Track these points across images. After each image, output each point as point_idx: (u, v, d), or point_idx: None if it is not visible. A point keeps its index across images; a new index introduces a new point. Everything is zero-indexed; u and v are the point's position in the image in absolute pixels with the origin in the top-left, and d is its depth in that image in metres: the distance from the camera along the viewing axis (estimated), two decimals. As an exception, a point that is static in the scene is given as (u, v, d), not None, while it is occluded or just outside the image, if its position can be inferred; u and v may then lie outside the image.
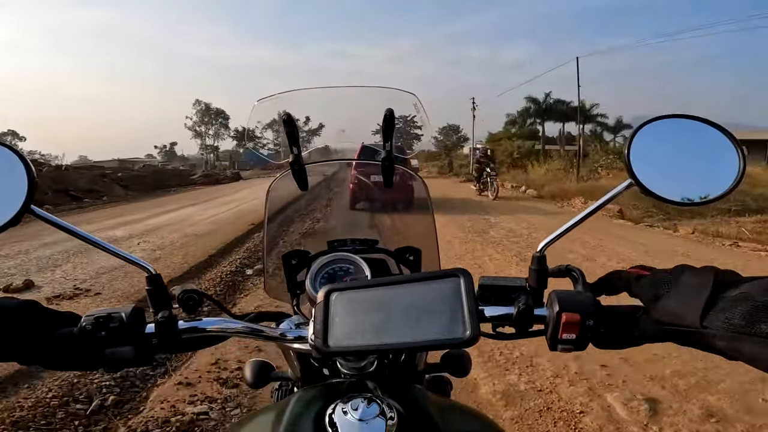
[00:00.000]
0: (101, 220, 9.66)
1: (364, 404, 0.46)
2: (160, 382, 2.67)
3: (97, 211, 11.62)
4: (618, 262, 5.44)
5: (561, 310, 0.51)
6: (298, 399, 0.53)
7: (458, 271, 0.48)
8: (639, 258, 5.74)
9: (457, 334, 0.45)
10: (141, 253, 6.04)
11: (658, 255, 5.91)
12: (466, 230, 7.75)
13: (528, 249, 6.05)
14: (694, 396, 2.48)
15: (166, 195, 17.11)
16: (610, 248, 6.21)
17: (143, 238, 7.29)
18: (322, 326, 0.48)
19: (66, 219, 0.59)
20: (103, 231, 7.83)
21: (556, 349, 0.53)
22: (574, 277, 0.58)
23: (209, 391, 2.53)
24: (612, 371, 2.74)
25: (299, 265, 0.79)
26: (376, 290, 0.49)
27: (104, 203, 13.97)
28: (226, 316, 0.63)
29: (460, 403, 0.64)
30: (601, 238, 6.71)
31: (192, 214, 10.32)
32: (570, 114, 33.29)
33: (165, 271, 3.72)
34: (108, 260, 5.15)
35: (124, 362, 0.54)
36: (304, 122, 12.16)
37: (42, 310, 0.54)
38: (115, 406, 2.39)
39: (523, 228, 8.01)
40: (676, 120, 0.57)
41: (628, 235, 7.40)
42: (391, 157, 0.75)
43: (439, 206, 10.49)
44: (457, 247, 6.39)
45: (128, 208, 12.21)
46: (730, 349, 0.42)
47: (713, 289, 0.44)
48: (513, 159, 24.99)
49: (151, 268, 0.60)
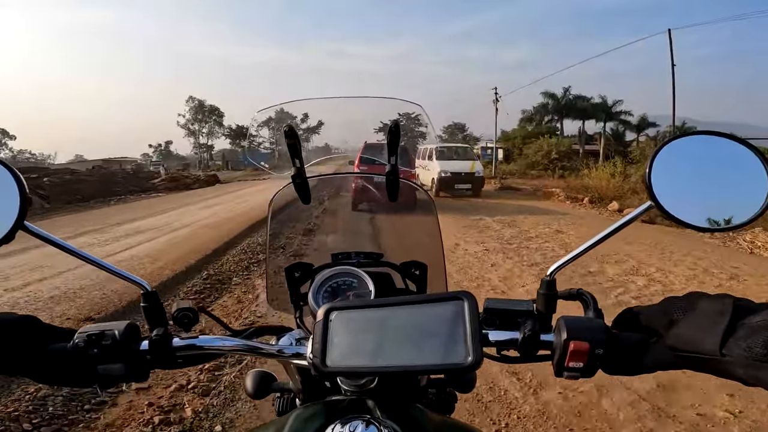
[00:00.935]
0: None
1: (362, 426, 0.46)
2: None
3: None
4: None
5: (569, 338, 0.49)
6: (296, 417, 0.53)
7: (462, 294, 0.47)
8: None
9: (459, 359, 0.44)
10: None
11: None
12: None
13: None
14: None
15: (104, 206, 13.29)
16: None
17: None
18: (321, 345, 0.47)
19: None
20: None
21: (562, 375, 0.51)
22: (585, 301, 0.56)
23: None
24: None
25: (302, 277, 0.78)
26: (377, 311, 0.48)
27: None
28: (223, 332, 0.62)
29: (460, 422, 0.63)
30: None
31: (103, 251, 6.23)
32: (590, 111, 31.29)
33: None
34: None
35: (117, 379, 0.54)
36: (301, 119, 11.74)
37: (40, 325, 0.54)
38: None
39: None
40: (701, 137, 0.54)
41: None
42: (396, 170, 0.73)
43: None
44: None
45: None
46: (750, 377, 0.41)
47: (732, 315, 0.43)
48: (550, 160, 21.80)
49: (147, 285, 0.60)
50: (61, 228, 8.39)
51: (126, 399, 2.52)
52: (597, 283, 4.67)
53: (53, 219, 10.39)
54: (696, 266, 5.43)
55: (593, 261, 5.34)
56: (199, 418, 2.36)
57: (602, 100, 31.58)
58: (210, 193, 16.91)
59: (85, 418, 2.38)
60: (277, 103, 0.75)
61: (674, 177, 0.53)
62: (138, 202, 14.76)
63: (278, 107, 0.76)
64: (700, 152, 0.54)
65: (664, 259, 5.76)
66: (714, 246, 6.68)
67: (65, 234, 7.69)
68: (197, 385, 2.65)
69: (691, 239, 6.92)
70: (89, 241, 7.18)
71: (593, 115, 31.12)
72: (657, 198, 0.52)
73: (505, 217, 9.45)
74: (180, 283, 4.76)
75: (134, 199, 15.69)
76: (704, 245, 6.66)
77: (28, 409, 2.40)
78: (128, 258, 5.84)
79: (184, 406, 2.45)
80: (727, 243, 6.90)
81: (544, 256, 5.88)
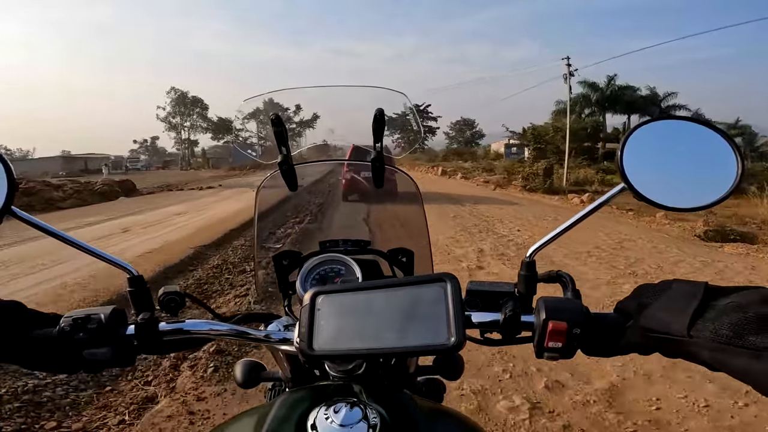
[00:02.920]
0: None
1: (347, 409, 0.46)
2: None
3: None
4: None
5: (548, 318, 0.50)
6: (282, 402, 0.53)
7: (445, 276, 0.48)
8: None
9: (443, 339, 0.44)
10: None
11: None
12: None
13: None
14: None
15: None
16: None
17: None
18: (308, 329, 0.48)
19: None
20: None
21: (542, 356, 0.52)
22: (564, 282, 0.57)
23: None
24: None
25: (291, 265, 0.78)
26: (362, 294, 0.49)
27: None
28: (210, 318, 0.62)
29: (448, 408, 0.63)
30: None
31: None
32: (640, 104, 27.10)
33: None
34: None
35: (103, 363, 0.54)
36: (293, 112, 11.72)
37: (24, 310, 0.54)
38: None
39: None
40: (673, 122, 0.57)
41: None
42: (382, 157, 0.74)
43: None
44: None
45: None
46: (715, 360, 0.41)
47: (703, 298, 0.43)
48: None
49: (133, 269, 0.60)
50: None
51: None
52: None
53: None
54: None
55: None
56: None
57: (651, 92, 27.77)
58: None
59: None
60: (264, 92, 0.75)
61: (646, 160, 0.55)
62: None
63: (266, 96, 0.76)
64: (671, 136, 0.56)
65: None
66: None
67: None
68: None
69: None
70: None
71: (642, 108, 26.87)
72: (629, 180, 0.54)
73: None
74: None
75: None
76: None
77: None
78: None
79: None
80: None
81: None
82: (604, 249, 6.13)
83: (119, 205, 13.55)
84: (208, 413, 2.33)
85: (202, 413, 2.33)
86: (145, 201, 14.65)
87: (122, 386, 2.63)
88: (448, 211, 9.83)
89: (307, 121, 23.71)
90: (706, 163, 0.55)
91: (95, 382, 2.63)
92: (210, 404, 2.41)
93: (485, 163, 30.39)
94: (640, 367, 2.74)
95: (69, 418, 2.32)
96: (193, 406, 2.38)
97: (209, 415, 2.32)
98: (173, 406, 2.38)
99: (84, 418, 2.31)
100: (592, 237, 6.79)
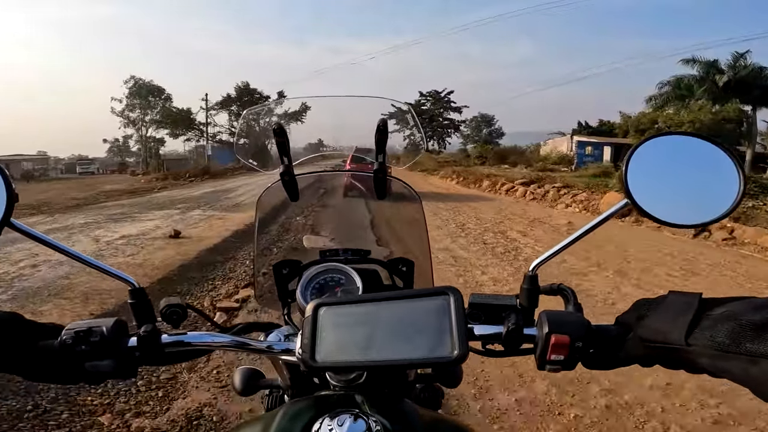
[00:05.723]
0: None
1: (350, 420, 0.46)
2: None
3: None
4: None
5: (550, 332, 0.51)
6: (285, 412, 0.53)
7: (448, 289, 0.48)
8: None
9: (445, 352, 0.45)
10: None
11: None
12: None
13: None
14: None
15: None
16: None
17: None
18: (310, 341, 0.48)
19: None
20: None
21: (544, 368, 0.53)
22: (566, 296, 0.58)
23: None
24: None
25: (290, 274, 0.78)
26: (364, 306, 0.49)
27: None
28: (212, 329, 0.62)
29: (448, 417, 0.63)
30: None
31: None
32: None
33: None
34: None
35: (105, 375, 0.54)
36: (277, 97, 11.55)
37: (24, 322, 0.54)
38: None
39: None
40: (676, 137, 0.57)
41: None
42: (384, 168, 0.74)
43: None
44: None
45: None
46: (714, 367, 0.42)
47: (699, 307, 0.45)
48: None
49: (134, 281, 0.59)
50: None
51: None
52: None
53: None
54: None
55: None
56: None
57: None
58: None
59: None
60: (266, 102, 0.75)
61: (650, 175, 0.55)
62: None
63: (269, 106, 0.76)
64: (675, 152, 0.56)
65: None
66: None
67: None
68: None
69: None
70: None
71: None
72: (633, 196, 0.54)
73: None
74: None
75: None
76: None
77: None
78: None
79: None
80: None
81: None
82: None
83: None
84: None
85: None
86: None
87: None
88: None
89: (296, 113, 21.46)
90: (709, 179, 0.55)
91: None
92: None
93: (558, 176, 16.27)
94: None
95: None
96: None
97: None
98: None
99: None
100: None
